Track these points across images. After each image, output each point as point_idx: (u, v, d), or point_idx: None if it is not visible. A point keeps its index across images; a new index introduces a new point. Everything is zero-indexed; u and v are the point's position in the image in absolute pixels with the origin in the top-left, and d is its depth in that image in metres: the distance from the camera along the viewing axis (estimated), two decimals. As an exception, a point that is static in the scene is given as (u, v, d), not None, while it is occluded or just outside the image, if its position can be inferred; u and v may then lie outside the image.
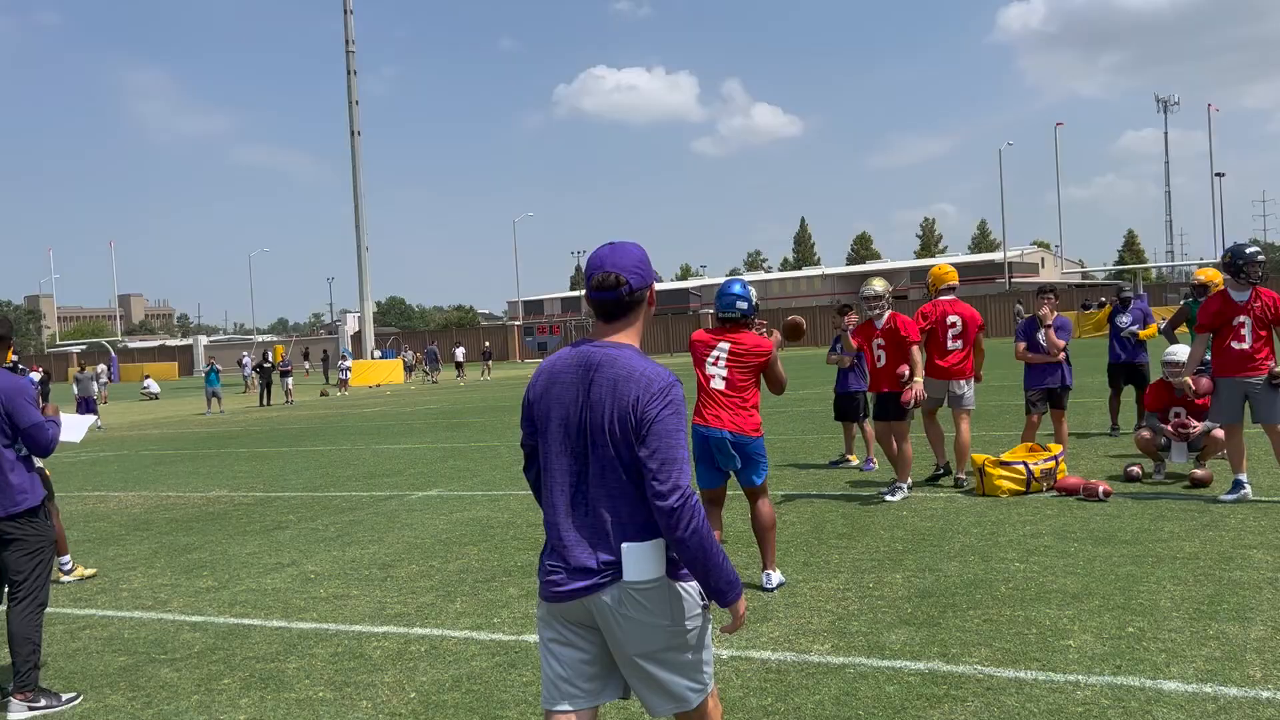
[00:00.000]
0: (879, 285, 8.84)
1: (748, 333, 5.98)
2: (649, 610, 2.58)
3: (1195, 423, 8.82)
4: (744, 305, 5.99)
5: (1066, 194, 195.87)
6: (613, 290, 2.66)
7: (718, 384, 5.89)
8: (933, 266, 9.77)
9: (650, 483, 2.52)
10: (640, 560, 2.58)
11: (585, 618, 2.64)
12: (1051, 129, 76.76)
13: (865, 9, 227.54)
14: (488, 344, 54.12)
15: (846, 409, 10.89)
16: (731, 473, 6.04)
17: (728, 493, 9.08)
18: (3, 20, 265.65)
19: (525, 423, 2.80)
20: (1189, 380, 8.41)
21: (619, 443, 2.58)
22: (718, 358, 5.91)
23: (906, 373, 8.50)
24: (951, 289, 9.32)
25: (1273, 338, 7.80)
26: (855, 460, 10.84)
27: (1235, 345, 7.68)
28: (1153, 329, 11.85)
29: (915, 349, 8.51)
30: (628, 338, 2.71)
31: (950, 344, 9.14)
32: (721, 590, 2.62)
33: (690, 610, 2.65)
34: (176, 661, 5.27)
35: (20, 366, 6.85)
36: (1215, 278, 10.41)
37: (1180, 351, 8.96)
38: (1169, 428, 8.86)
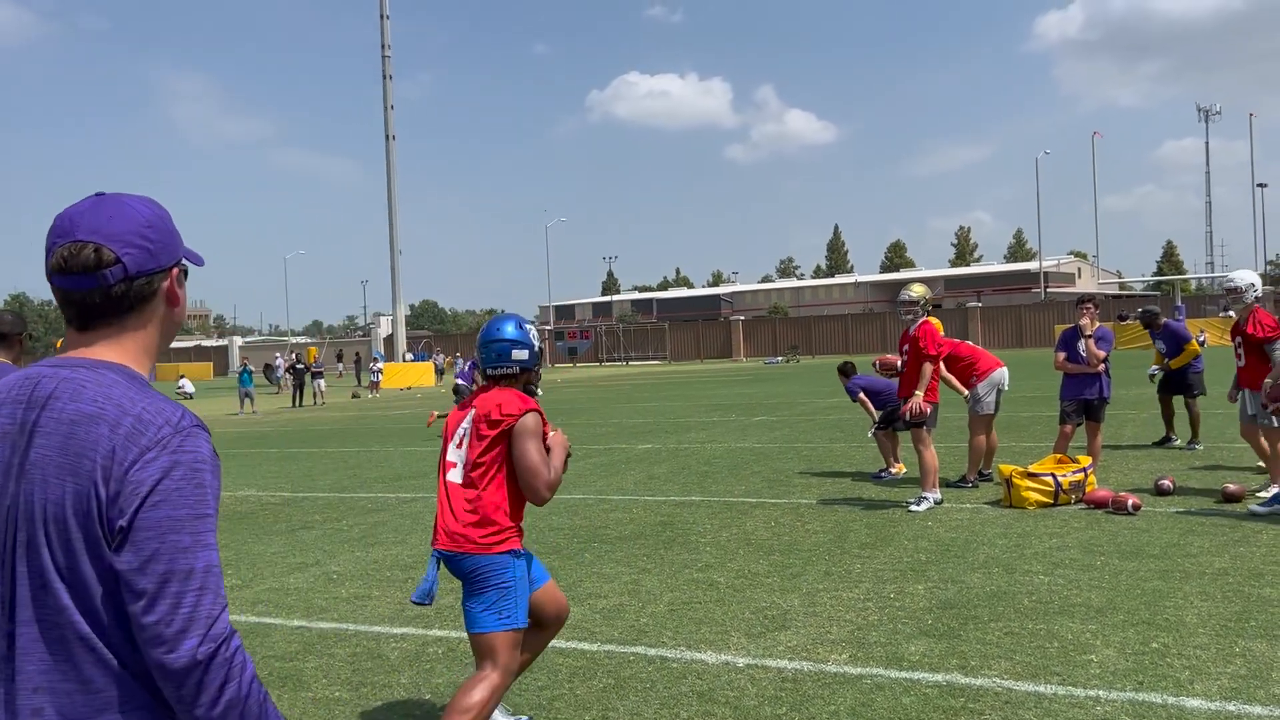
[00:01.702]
0: (915, 291, 8.78)
1: (497, 389, 3.82)
2: None
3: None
4: (523, 355, 3.87)
5: (1105, 204, 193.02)
6: (89, 274, 1.54)
7: (455, 475, 3.79)
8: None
9: (140, 618, 1.41)
10: None
11: None
12: (1089, 138, 76.00)
13: (899, 16, 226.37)
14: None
15: None
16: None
17: (758, 500, 9.00)
18: (48, 25, 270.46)
19: None
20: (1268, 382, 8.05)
21: (74, 540, 1.44)
22: (463, 436, 3.81)
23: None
24: None
25: None
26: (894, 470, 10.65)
27: None
28: (1191, 347, 11.70)
29: (928, 363, 8.42)
30: (116, 353, 1.58)
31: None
32: None
33: None
34: (197, 658, 5.31)
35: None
36: None
37: (1236, 276, 8.65)
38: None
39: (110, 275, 1.55)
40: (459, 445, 3.82)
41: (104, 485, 1.43)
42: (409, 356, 50.21)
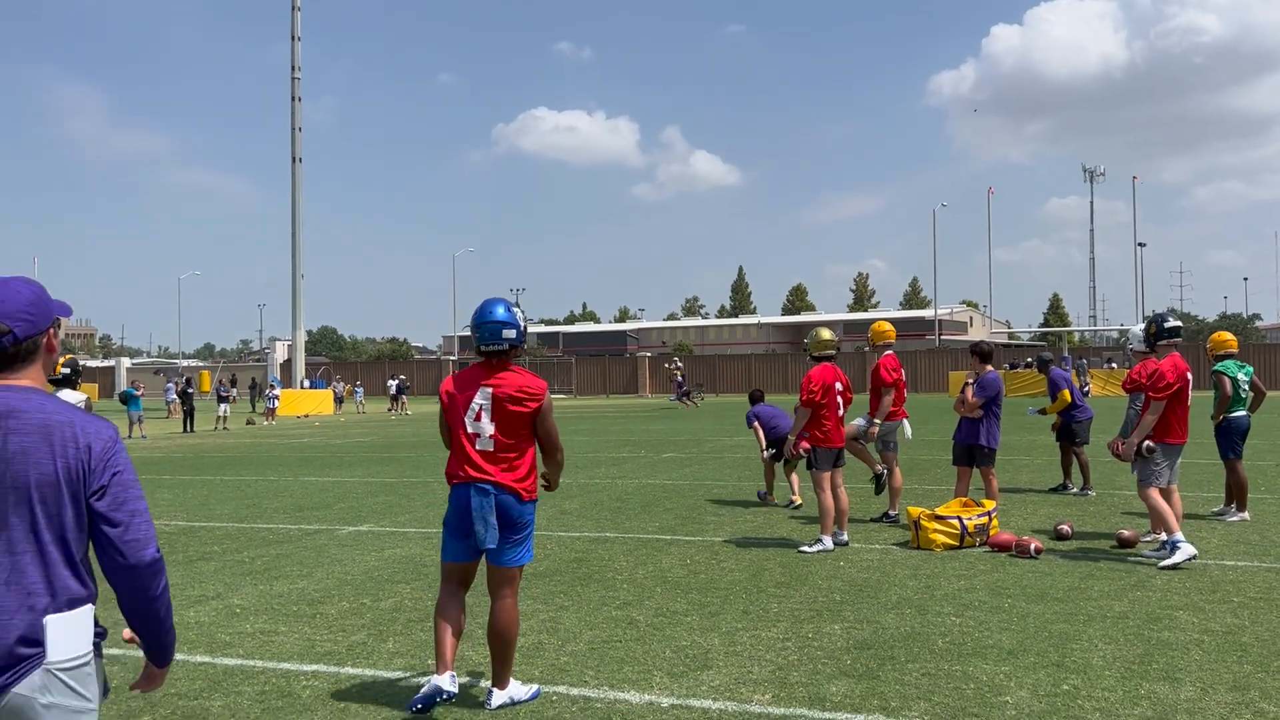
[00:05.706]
0: (823, 336, 9.22)
1: (512, 370, 4.69)
2: (76, 693, 2.31)
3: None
4: (511, 334, 4.67)
5: (993, 256, 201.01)
6: None
7: (485, 445, 4.60)
8: (874, 323, 10.87)
9: (122, 540, 2.34)
10: (71, 635, 2.31)
11: None
12: (980, 192, 79.55)
13: (801, 68, 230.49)
14: (403, 377, 50.18)
15: None
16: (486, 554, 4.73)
17: (672, 538, 9.02)
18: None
19: None
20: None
21: (56, 499, 2.32)
22: (480, 409, 4.61)
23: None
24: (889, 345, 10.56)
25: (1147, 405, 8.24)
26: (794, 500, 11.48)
27: None
28: (1062, 396, 12.21)
29: (801, 408, 8.90)
30: (31, 382, 2.45)
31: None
32: (170, 648, 2.59)
33: (100, 684, 2.42)
34: (92, 697, 5.04)
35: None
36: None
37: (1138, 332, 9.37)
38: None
39: (5, 342, 2.41)
40: (476, 418, 4.64)
41: (86, 463, 2.36)
42: (307, 384, 48.92)
